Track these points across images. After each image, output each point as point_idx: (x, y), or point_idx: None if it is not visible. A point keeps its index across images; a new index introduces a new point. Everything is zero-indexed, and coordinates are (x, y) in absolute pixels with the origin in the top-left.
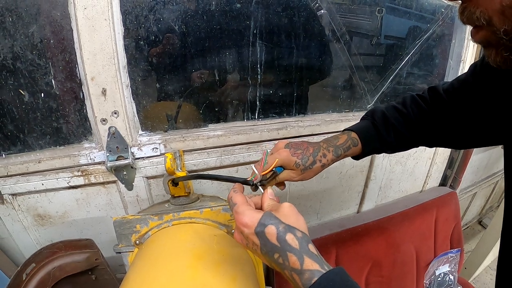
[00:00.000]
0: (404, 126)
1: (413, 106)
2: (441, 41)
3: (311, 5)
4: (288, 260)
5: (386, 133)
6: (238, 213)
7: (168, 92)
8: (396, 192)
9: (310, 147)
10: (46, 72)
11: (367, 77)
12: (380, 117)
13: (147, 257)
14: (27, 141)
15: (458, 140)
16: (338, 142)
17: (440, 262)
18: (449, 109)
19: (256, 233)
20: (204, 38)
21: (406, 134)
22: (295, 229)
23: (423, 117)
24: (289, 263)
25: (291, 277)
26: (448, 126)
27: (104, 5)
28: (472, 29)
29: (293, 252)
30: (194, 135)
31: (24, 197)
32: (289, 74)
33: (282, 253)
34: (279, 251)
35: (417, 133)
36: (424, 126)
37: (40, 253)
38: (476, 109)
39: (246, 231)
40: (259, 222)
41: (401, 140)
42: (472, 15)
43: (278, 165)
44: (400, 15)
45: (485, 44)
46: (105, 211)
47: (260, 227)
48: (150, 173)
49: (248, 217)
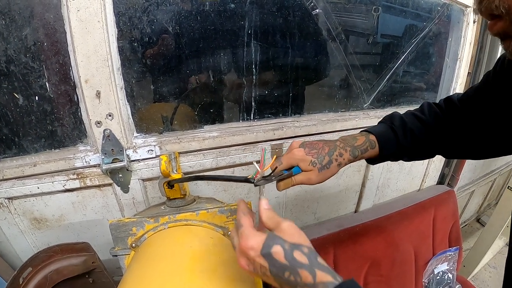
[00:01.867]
0: (423, 133)
1: (431, 113)
2: (438, 39)
3: (306, 4)
4: (300, 276)
5: (404, 138)
6: (243, 236)
7: (163, 93)
8: (394, 191)
9: (326, 146)
10: (40, 75)
11: (364, 76)
12: (398, 122)
13: (144, 260)
14: (22, 145)
15: (474, 150)
16: (356, 142)
17: (439, 261)
18: (463, 118)
19: (263, 255)
20: (198, 39)
21: (424, 141)
22: (301, 246)
23: (439, 125)
24: (301, 279)
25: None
26: (463, 135)
27: (97, 7)
28: (490, 21)
29: (304, 267)
30: (190, 136)
31: (20, 201)
32: (285, 74)
33: (293, 270)
34: (289, 269)
35: (434, 140)
36: (440, 134)
37: (37, 257)
38: (490, 117)
39: (252, 254)
40: (264, 244)
41: (418, 147)
42: (490, 4)
43: (293, 165)
44: (396, 14)
45: (503, 36)
46: (101, 214)
47: (266, 248)
48: (146, 175)
49: (253, 239)
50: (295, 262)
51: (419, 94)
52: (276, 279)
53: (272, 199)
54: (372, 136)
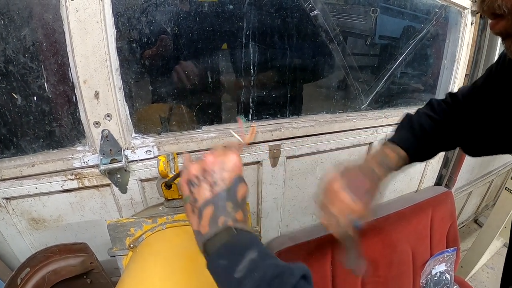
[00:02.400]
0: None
1: (440, 111)
2: (435, 41)
3: (304, 6)
4: (236, 213)
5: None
6: (238, 153)
7: (161, 94)
8: (392, 192)
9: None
10: (39, 75)
11: (361, 77)
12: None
13: (141, 260)
14: (20, 145)
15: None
16: (389, 162)
17: (437, 261)
18: (465, 113)
19: (235, 178)
20: (197, 39)
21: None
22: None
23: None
24: (235, 214)
25: (224, 222)
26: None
27: (96, 7)
28: (492, 20)
29: (244, 213)
30: (188, 137)
31: (18, 201)
32: (283, 75)
33: (236, 207)
34: (236, 204)
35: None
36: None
37: (35, 257)
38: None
39: (232, 167)
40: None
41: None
42: (493, 4)
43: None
44: (394, 15)
45: (504, 35)
46: (99, 214)
47: (241, 178)
48: (144, 176)
49: (239, 162)
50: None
51: (417, 95)
52: (213, 198)
53: (270, 200)
54: (403, 152)
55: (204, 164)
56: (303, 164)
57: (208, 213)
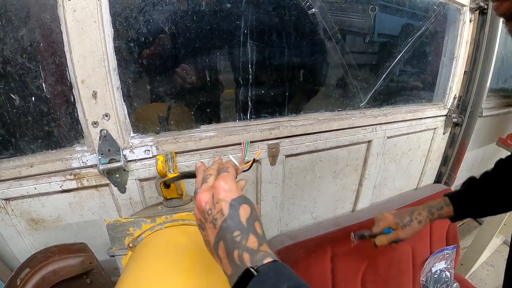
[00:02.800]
0: (496, 187)
1: (498, 165)
2: (434, 38)
3: (302, 4)
4: (247, 240)
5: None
6: (226, 179)
7: (159, 93)
8: (391, 190)
9: (409, 209)
10: (37, 76)
11: (360, 75)
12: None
13: (140, 260)
14: (19, 145)
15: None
16: (433, 202)
17: (436, 259)
18: None
19: (231, 204)
20: (194, 38)
21: (499, 195)
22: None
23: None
24: (247, 243)
25: (239, 256)
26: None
27: (94, 7)
28: (496, 2)
29: (256, 235)
30: (186, 136)
31: (17, 202)
32: (281, 74)
33: (245, 233)
34: (243, 230)
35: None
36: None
37: (34, 258)
38: None
39: (223, 195)
40: (241, 196)
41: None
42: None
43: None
44: (393, 13)
45: (508, 16)
46: (98, 214)
47: (240, 200)
48: (143, 176)
49: (234, 185)
50: (251, 228)
51: (416, 93)
52: (219, 233)
53: (269, 198)
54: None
55: (199, 205)
56: (302, 162)
57: (222, 251)
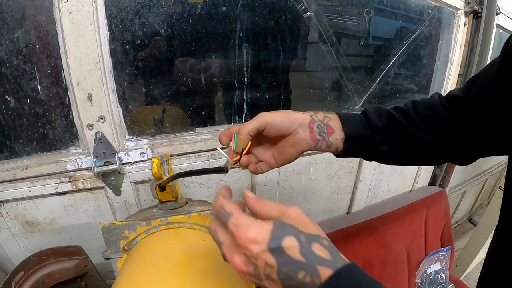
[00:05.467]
0: (405, 119)
1: (411, 104)
2: (429, 41)
3: (298, 7)
4: (319, 275)
5: (377, 117)
6: (239, 227)
7: (154, 96)
8: (386, 192)
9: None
10: (32, 78)
11: (355, 78)
12: (370, 106)
13: (136, 263)
14: (13, 148)
15: (466, 149)
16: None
17: (431, 261)
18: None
19: (270, 250)
20: (190, 41)
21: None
22: (319, 237)
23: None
24: (320, 278)
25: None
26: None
27: (89, 9)
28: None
29: (325, 263)
30: (181, 139)
31: (12, 204)
32: (276, 77)
33: (310, 268)
34: (306, 267)
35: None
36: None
37: (29, 261)
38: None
39: (255, 249)
40: (272, 235)
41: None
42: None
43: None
44: (388, 16)
45: None
46: (93, 217)
47: (274, 241)
48: (138, 178)
49: (255, 229)
50: (314, 258)
51: (410, 96)
52: (283, 283)
53: None
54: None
55: (241, 274)
56: (297, 165)
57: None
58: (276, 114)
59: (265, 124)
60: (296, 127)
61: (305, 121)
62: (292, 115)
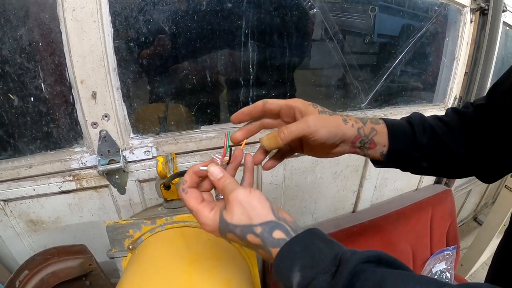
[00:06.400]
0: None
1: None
2: (435, 39)
3: (303, 4)
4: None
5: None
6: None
7: (159, 94)
8: (392, 190)
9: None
10: (35, 76)
11: (361, 76)
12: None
13: (140, 262)
14: (17, 146)
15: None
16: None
17: (437, 260)
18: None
19: (221, 235)
20: (195, 38)
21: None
22: (252, 226)
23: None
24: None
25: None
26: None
27: (93, 6)
28: None
29: (259, 247)
30: (187, 137)
31: (16, 203)
32: (282, 74)
33: (252, 248)
34: (249, 246)
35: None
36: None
37: (33, 260)
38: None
39: (209, 228)
40: (219, 229)
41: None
42: None
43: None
44: (393, 14)
45: None
46: (98, 215)
47: (221, 232)
48: (143, 177)
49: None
50: (251, 245)
51: (417, 94)
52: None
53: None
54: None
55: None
56: (302, 163)
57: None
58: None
59: (309, 135)
60: (339, 142)
61: (351, 137)
62: (341, 129)
